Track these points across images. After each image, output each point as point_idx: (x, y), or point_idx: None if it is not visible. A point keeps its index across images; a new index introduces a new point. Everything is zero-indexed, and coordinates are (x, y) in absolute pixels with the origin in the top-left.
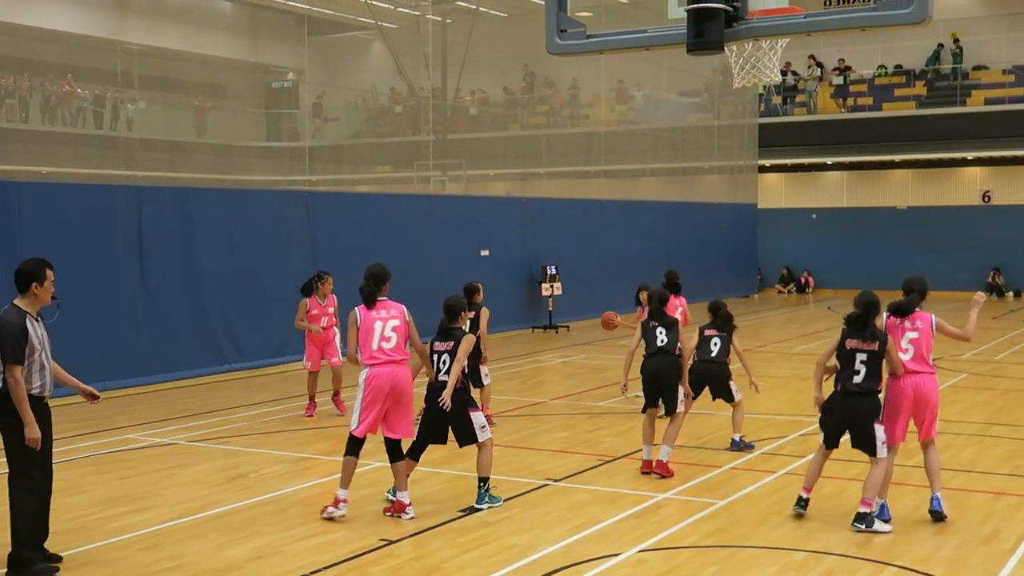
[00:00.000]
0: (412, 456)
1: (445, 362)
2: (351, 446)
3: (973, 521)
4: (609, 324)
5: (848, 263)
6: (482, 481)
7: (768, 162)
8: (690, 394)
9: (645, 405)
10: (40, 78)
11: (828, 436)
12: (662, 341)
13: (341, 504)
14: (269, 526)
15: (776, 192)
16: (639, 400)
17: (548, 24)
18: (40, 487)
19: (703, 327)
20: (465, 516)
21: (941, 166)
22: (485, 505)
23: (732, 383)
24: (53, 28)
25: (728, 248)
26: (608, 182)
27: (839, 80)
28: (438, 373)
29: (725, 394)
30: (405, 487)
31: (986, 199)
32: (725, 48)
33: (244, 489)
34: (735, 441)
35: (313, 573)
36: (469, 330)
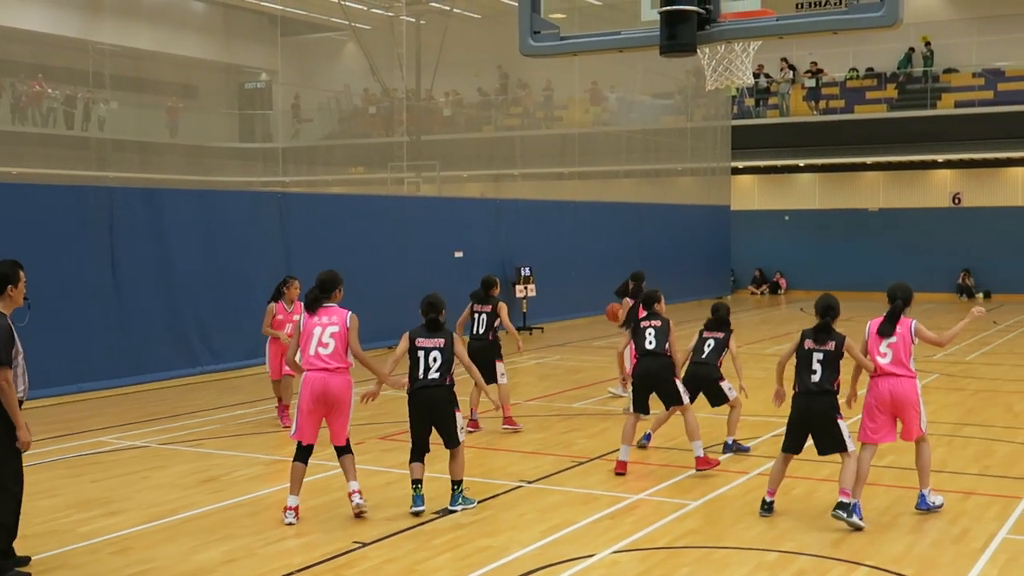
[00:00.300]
0: (418, 459)
1: (435, 359)
2: (298, 452)
3: (944, 521)
4: (613, 315)
5: (820, 264)
6: (456, 483)
7: (741, 164)
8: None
9: (633, 406)
10: (10, 78)
11: (787, 438)
12: (650, 343)
13: (288, 512)
14: (242, 529)
15: (749, 194)
16: (615, 401)
17: (521, 26)
18: (19, 495)
19: (703, 329)
20: (439, 518)
21: (912, 168)
22: (459, 507)
23: (724, 383)
24: (24, 28)
25: (701, 249)
26: (582, 183)
27: (811, 83)
28: (427, 372)
29: (718, 395)
30: (354, 477)
31: (956, 201)
32: (698, 50)
33: (216, 492)
34: (728, 444)
35: None
36: (487, 326)
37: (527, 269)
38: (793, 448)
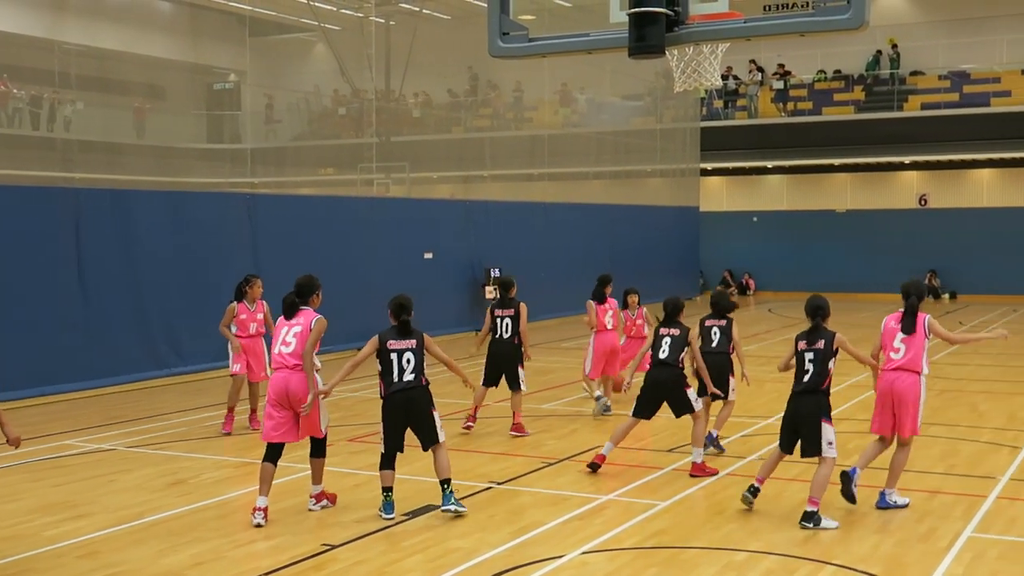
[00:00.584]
0: (388, 467)
1: (409, 361)
2: (267, 453)
3: (910, 520)
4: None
5: (789, 266)
6: (445, 483)
7: (710, 165)
8: (713, 390)
9: (634, 411)
10: None
11: (780, 436)
12: (664, 353)
13: (257, 512)
14: (210, 532)
15: (718, 195)
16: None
17: (491, 27)
18: None
19: (703, 318)
20: (408, 520)
21: (879, 170)
22: (452, 506)
23: (731, 379)
24: None
25: (671, 250)
26: (552, 185)
27: (779, 85)
28: (402, 374)
29: (721, 386)
30: (320, 481)
31: (923, 202)
32: (666, 52)
33: (184, 495)
34: (712, 436)
35: None
36: (512, 330)
37: (496, 270)
38: (784, 447)
